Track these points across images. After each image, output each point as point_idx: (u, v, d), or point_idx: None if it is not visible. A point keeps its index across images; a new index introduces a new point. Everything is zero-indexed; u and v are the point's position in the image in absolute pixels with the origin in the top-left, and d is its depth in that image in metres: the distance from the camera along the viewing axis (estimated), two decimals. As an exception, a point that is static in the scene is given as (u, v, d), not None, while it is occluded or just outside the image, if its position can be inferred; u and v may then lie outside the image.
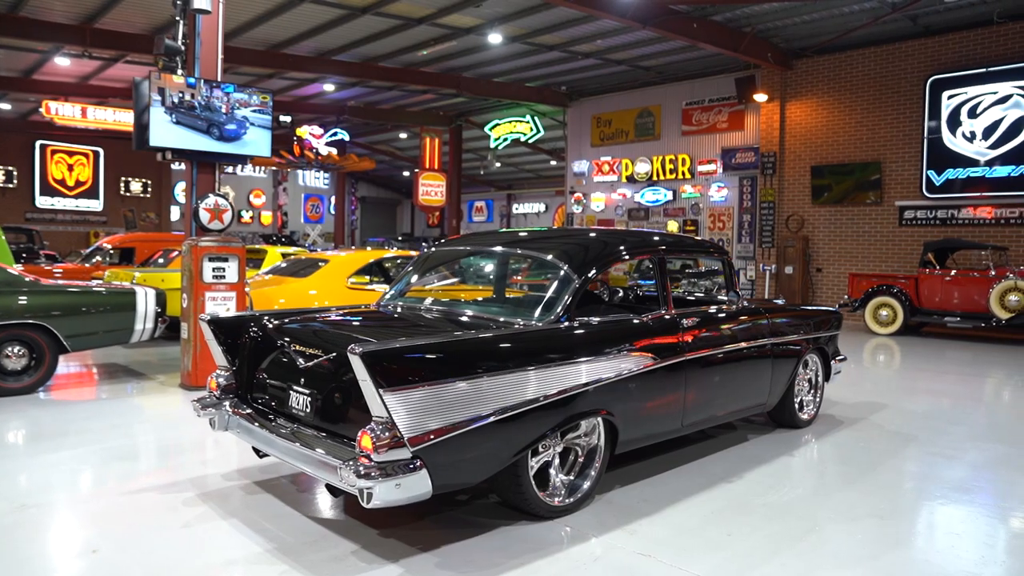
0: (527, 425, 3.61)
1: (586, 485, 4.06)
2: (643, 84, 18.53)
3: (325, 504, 4.07)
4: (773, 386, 5.53)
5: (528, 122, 22.35)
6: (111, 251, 13.96)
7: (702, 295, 7.13)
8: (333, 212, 34.06)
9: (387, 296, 4.93)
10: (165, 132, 6.95)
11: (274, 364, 4.18)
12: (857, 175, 14.66)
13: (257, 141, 7.52)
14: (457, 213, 25.50)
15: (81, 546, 3.52)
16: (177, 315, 8.40)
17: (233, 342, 4.35)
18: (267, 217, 31.17)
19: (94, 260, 13.86)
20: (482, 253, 5.09)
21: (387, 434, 3.11)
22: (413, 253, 11.96)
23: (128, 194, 27.18)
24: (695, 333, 4.70)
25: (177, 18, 7.07)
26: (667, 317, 4.61)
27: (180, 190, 28.80)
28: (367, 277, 9.45)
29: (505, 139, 23.18)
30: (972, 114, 13.10)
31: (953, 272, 12.11)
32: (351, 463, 3.10)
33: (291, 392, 3.90)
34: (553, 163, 28.26)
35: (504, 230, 5.89)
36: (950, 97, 13.34)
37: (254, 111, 7.44)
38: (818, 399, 6.22)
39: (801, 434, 5.85)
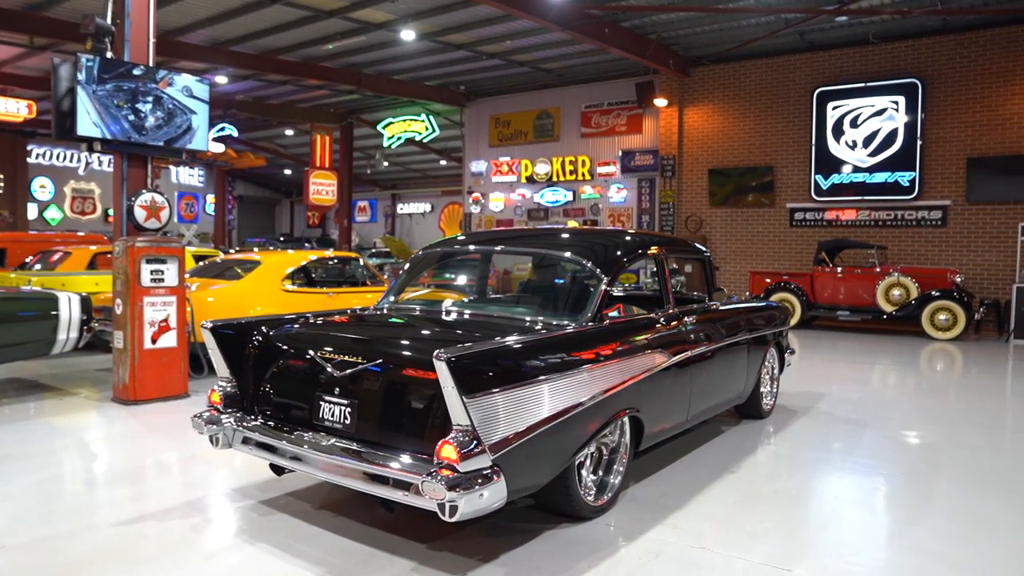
0: (583, 424, 3.60)
1: (616, 482, 4.07)
2: (542, 86, 18.80)
3: (354, 521, 3.82)
4: (747, 378, 5.79)
5: (423, 121, 22.10)
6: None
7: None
8: (210, 212, 32.12)
9: (392, 297, 4.71)
10: (93, 121, 6.31)
11: (291, 373, 3.89)
12: (750, 178, 15.61)
13: (195, 133, 6.97)
14: (348, 213, 24.82)
15: (102, 586, 3.12)
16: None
17: (236, 351, 4.02)
18: (136, 216, 28.85)
19: (-44, 264, 12.32)
20: (493, 253, 4.97)
21: (469, 441, 2.98)
22: (331, 253, 11.46)
23: (-24, 190, 24.38)
24: (697, 329, 4.85)
25: (106, -4, 6.43)
26: (674, 315, 4.72)
27: (38, 186, 26.16)
28: (290, 280, 8.96)
29: (399, 138, 22.78)
30: (854, 124, 14.29)
31: (839, 269, 13.14)
32: (435, 476, 2.93)
33: (321, 403, 3.63)
34: (443, 163, 28.06)
35: (506, 229, 5.80)
36: (834, 108, 14.48)
37: (191, 99, 6.89)
38: (775, 390, 6.57)
39: (765, 424, 6.15)
